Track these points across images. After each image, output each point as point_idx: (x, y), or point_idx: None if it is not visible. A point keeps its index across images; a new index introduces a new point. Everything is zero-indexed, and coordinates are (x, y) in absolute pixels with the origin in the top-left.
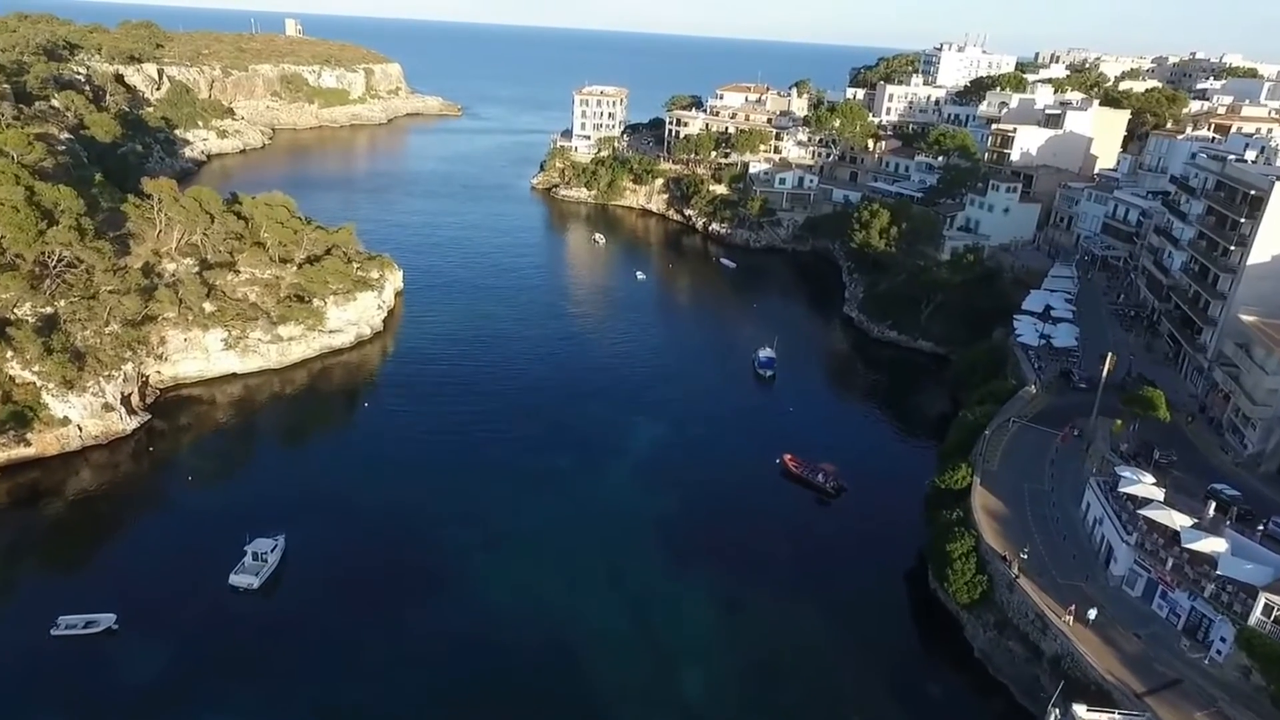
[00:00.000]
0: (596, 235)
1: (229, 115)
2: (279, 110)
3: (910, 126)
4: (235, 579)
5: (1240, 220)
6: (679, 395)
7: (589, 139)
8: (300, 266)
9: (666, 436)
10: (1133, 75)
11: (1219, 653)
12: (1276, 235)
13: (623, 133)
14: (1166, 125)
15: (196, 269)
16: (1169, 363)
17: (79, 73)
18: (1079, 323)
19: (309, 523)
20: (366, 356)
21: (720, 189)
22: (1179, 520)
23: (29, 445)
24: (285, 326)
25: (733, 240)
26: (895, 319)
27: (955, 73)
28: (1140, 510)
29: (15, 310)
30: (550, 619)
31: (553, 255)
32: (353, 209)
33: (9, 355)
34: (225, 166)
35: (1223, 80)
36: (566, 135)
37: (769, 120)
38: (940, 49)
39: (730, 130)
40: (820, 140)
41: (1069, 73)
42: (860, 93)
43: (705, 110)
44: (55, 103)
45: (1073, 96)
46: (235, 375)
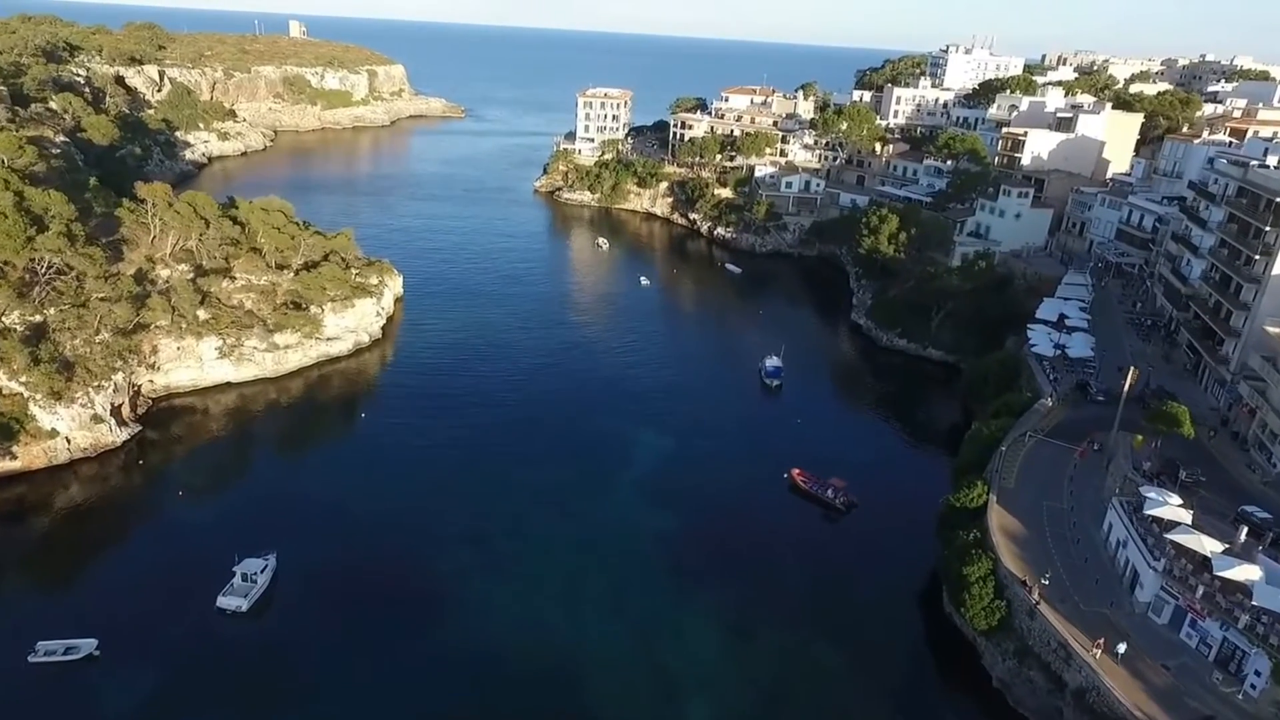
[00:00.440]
0: (600, 239)
1: (230, 117)
2: (281, 112)
3: (918, 129)
4: (223, 601)
5: (1265, 228)
6: (684, 405)
7: (592, 141)
8: (297, 273)
9: (671, 449)
10: (1142, 78)
11: (1254, 687)
12: None
13: (627, 135)
14: (1182, 129)
15: (191, 275)
16: (1188, 374)
17: (78, 75)
18: (1094, 332)
19: (302, 540)
20: (365, 365)
21: (725, 193)
22: (1209, 546)
23: (14, 459)
24: (281, 334)
25: (738, 245)
26: (904, 327)
27: (962, 75)
28: (1167, 534)
29: (3, 319)
30: (551, 644)
31: (556, 260)
32: (354, 212)
33: None
34: (226, 169)
35: (1234, 83)
36: (570, 138)
37: (775, 123)
38: (946, 51)
39: (735, 133)
40: (827, 143)
41: (1077, 75)
42: (867, 95)
43: (710, 113)
44: (53, 105)
45: (1084, 100)
46: (230, 384)
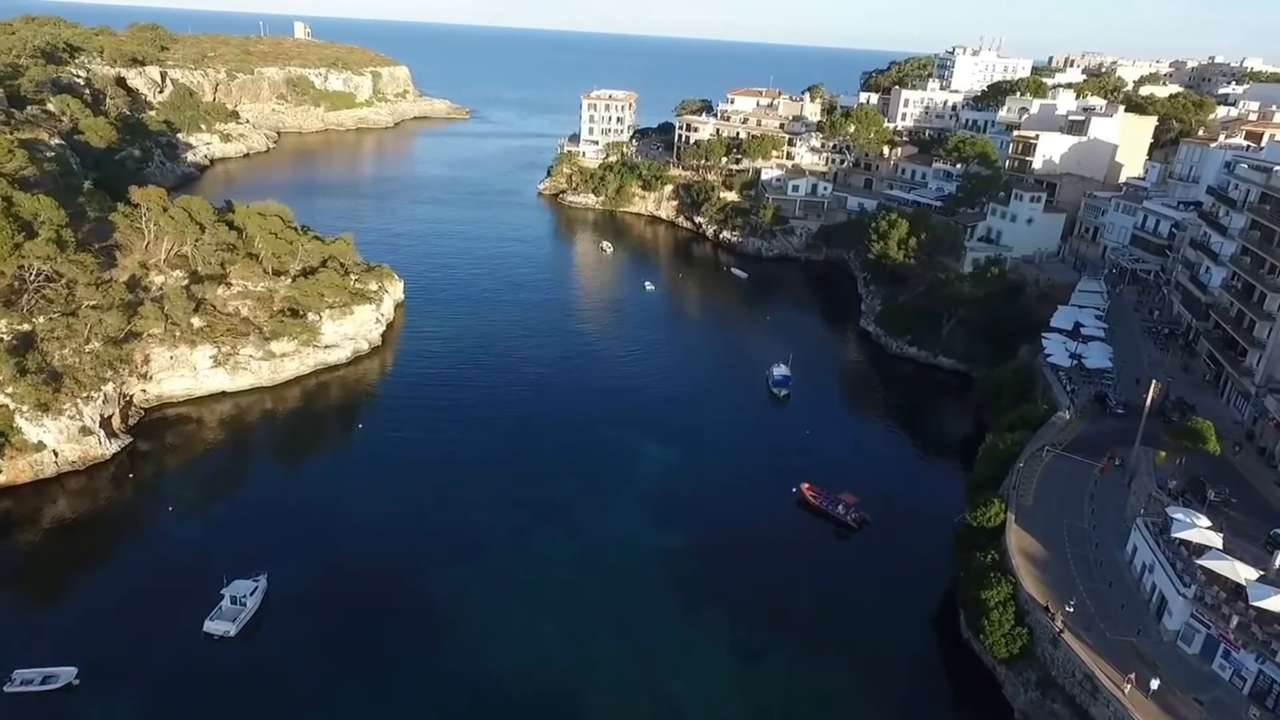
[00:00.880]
0: (604, 243)
1: (233, 119)
2: (284, 113)
3: (926, 132)
4: (210, 626)
5: None
6: (689, 416)
7: (597, 144)
8: (295, 279)
9: (676, 461)
10: (1152, 80)
11: None
12: None
13: (631, 137)
14: (1198, 133)
15: (186, 282)
16: (1209, 385)
17: (78, 76)
18: (1110, 341)
19: (294, 559)
20: (363, 373)
21: (731, 196)
22: (1243, 573)
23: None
24: (278, 342)
25: (744, 249)
26: (914, 334)
27: (970, 77)
28: (1198, 560)
29: None
30: (551, 666)
31: (559, 264)
32: (356, 216)
33: None
34: (228, 171)
35: (1244, 85)
36: (574, 140)
37: (781, 125)
38: (953, 53)
39: (741, 135)
40: (834, 146)
41: (1085, 77)
42: (874, 97)
43: (716, 115)
44: (51, 107)
45: (1095, 102)
46: (225, 394)
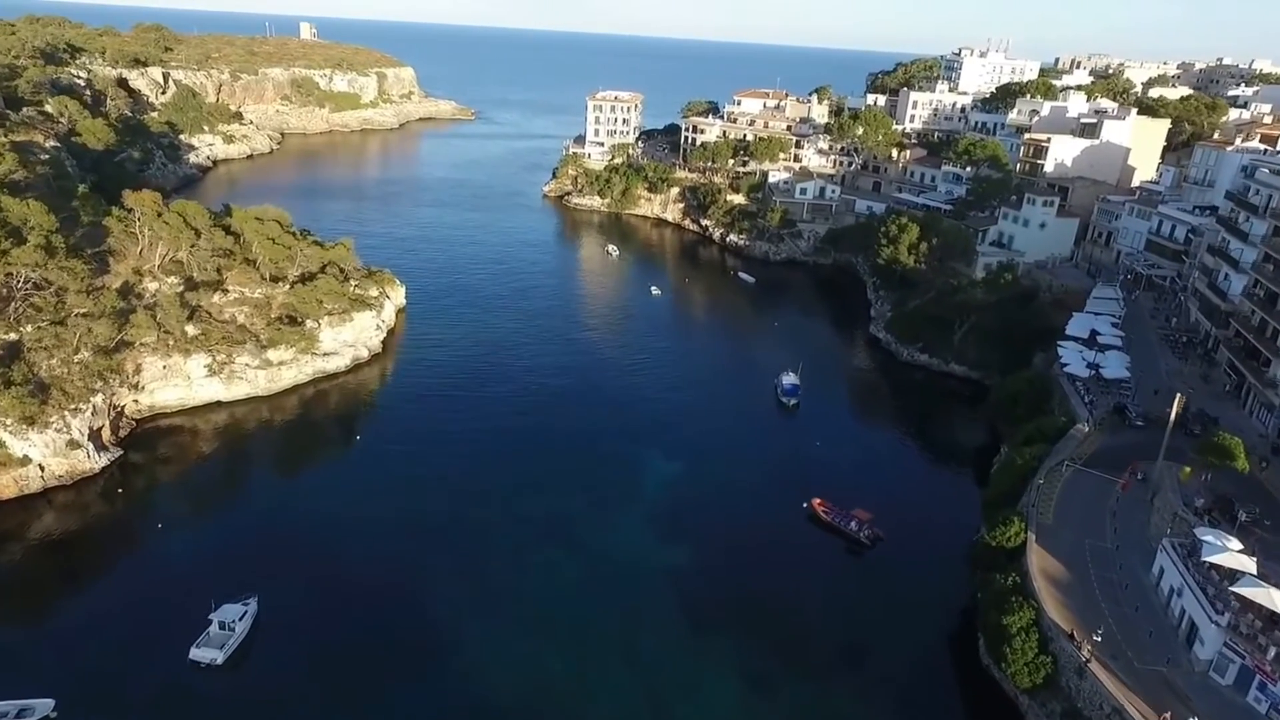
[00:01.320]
0: (610, 246)
1: (237, 120)
2: (289, 115)
3: (935, 134)
4: (196, 653)
5: None
6: (697, 427)
7: (602, 145)
8: (293, 285)
9: (683, 475)
10: (1160, 82)
11: None
12: None
13: (637, 139)
14: (1213, 135)
15: (181, 288)
16: (1229, 396)
17: (79, 77)
18: (1127, 349)
19: (286, 579)
20: (363, 381)
21: (738, 198)
22: None
23: None
24: (275, 350)
25: (751, 252)
26: (925, 341)
27: (977, 79)
28: (1232, 587)
29: None
30: (553, 694)
31: (564, 268)
32: (359, 219)
33: None
34: (231, 172)
35: (1254, 87)
36: (579, 141)
37: (788, 127)
38: (959, 54)
39: (748, 137)
40: (842, 149)
41: (1093, 79)
42: (881, 99)
43: (722, 116)
44: (49, 108)
45: (1107, 105)
46: (220, 403)
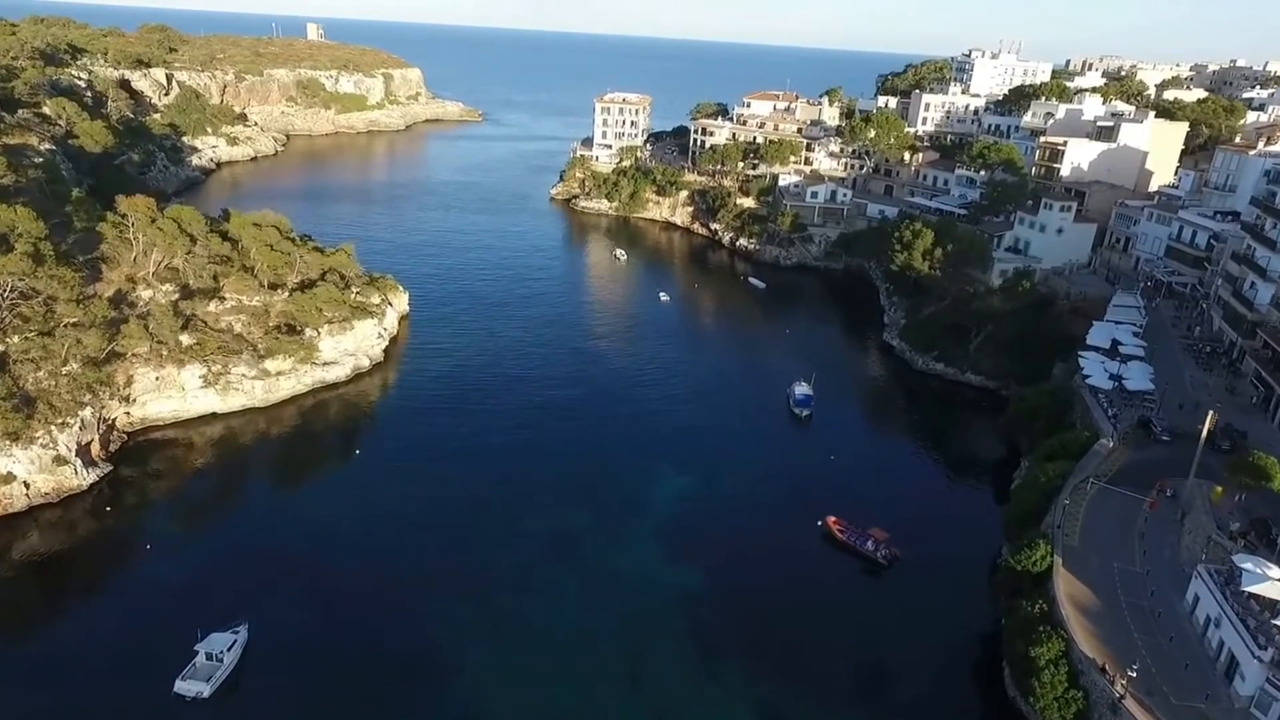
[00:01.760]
0: (618, 251)
1: (241, 121)
2: (294, 116)
3: (948, 137)
4: (181, 686)
5: None
6: (706, 440)
7: (610, 148)
8: (292, 293)
9: (693, 490)
10: (1174, 84)
11: None
12: None
13: (645, 142)
14: (1233, 139)
15: (176, 296)
16: (1257, 409)
17: (79, 78)
18: (1150, 360)
19: (279, 604)
20: (364, 391)
21: (748, 202)
22: None
23: None
24: (273, 360)
25: (761, 257)
26: (941, 349)
27: (989, 80)
28: (1275, 620)
29: None
30: None
31: (572, 273)
32: (363, 222)
33: None
34: (235, 175)
35: (1270, 89)
36: (587, 144)
37: (799, 130)
38: (970, 55)
39: (758, 140)
40: (853, 152)
41: (1105, 81)
42: (893, 101)
43: (732, 119)
44: (47, 110)
45: (1123, 108)
46: (215, 415)
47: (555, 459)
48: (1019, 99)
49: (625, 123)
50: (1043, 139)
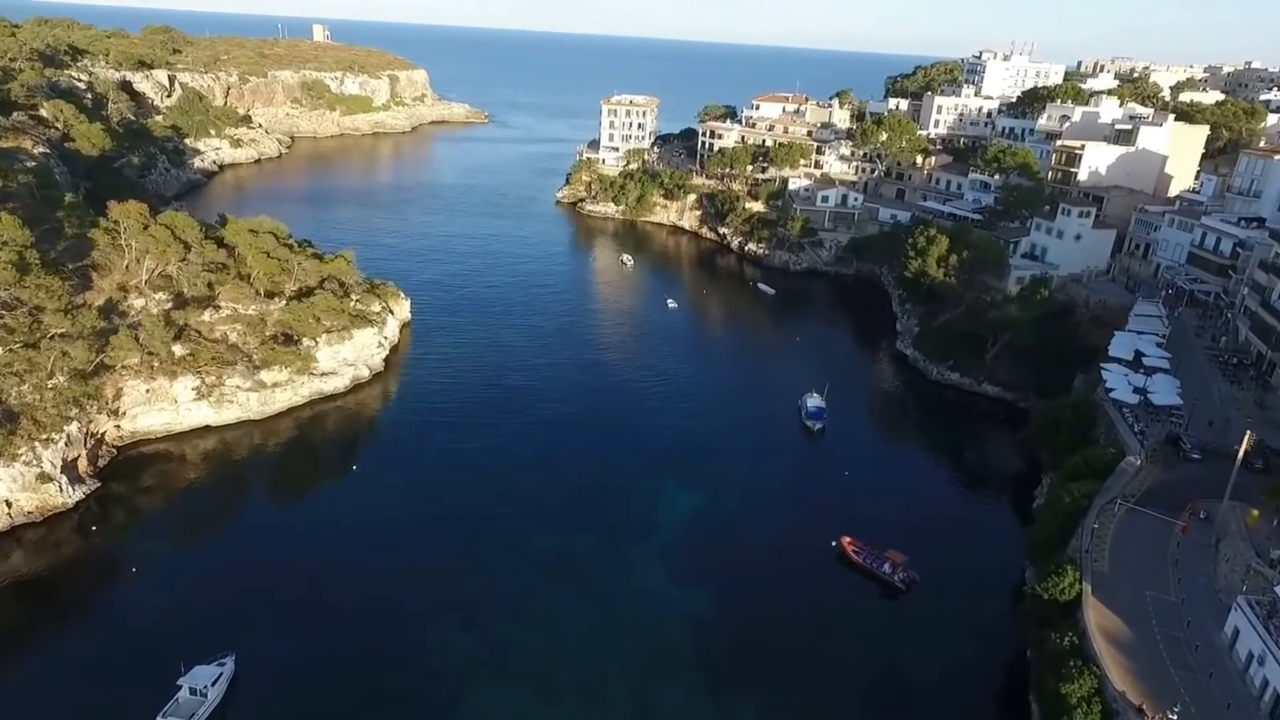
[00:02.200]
0: (625, 256)
1: (245, 123)
2: (299, 118)
3: (961, 140)
4: None
5: None
6: (715, 454)
7: (617, 150)
8: (289, 301)
9: (702, 508)
10: (1189, 85)
11: None
12: None
13: (653, 144)
14: (1259, 143)
15: (169, 305)
16: None
17: (79, 80)
18: (1175, 372)
19: (268, 633)
20: (363, 403)
21: (757, 206)
22: None
23: None
24: (269, 371)
25: (770, 262)
26: (956, 359)
27: (1000, 82)
28: None
29: None
30: None
31: (578, 279)
32: (366, 226)
33: None
34: (238, 177)
35: None
36: (593, 146)
37: (809, 133)
38: (980, 57)
39: (768, 143)
40: (865, 155)
41: (1118, 83)
42: (904, 103)
43: (740, 121)
44: (44, 113)
45: (1141, 110)
46: (209, 428)
47: (559, 475)
48: (1033, 101)
49: (632, 125)
50: (1059, 142)
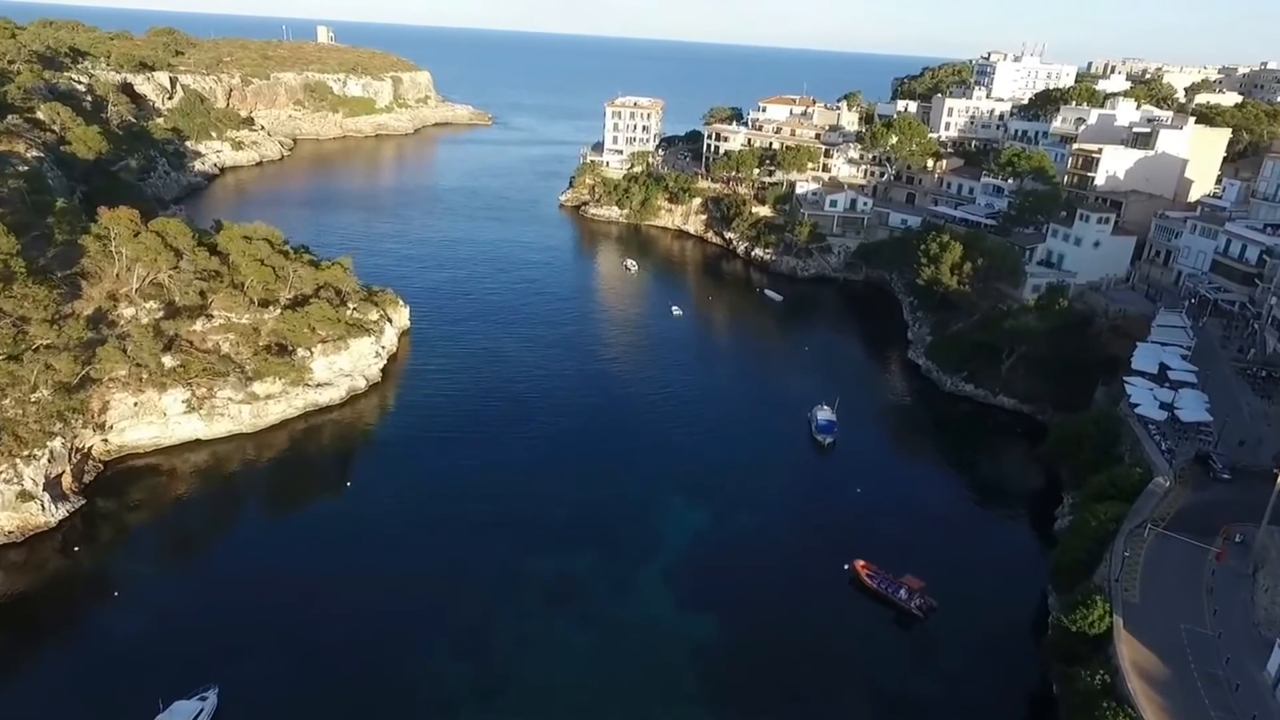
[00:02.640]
0: (629, 261)
1: (247, 125)
2: (301, 120)
3: (972, 143)
4: None
5: None
6: (722, 470)
7: (621, 153)
8: (284, 310)
9: (708, 528)
10: (1205, 87)
11: None
12: None
13: (657, 147)
14: None
15: (160, 314)
16: None
17: (79, 82)
18: (1202, 386)
19: (254, 662)
20: (359, 415)
21: (764, 210)
22: None
23: None
24: (261, 383)
25: (778, 268)
26: (971, 369)
27: (1011, 84)
28: None
29: None
30: None
31: (581, 286)
32: (366, 231)
33: None
34: (239, 180)
35: None
36: (597, 149)
37: (817, 136)
38: (990, 58)
39: (774, 146)
40: (874, 158)
41: (1130, 84)
42: (912, 105)
43: (747, 124)
44: (40, 115)
45: (1159, 113)
46: (200, 442)
47: (561, 491)
48: (1045, 103)
49: (636, 127)
50: (1075, 145)
